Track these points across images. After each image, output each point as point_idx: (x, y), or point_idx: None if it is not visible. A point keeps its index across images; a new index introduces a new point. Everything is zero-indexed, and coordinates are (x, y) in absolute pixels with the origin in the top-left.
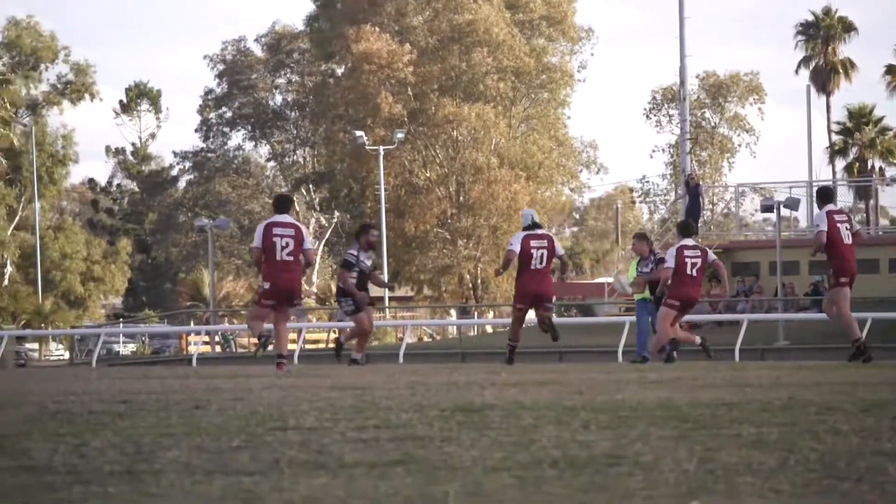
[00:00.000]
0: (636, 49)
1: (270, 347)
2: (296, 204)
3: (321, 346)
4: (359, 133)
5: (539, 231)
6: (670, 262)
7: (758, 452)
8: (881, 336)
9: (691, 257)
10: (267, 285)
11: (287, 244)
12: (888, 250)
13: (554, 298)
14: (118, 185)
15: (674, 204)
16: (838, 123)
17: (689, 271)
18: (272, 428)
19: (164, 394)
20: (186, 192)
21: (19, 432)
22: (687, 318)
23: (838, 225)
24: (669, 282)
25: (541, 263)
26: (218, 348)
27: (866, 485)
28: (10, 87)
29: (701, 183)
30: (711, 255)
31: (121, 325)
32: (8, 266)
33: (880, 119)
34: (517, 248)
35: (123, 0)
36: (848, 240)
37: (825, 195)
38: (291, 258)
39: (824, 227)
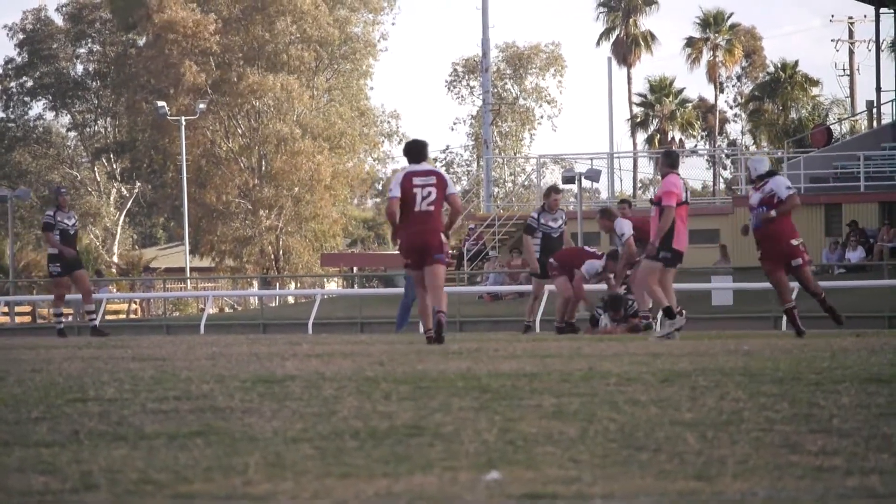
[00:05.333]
0: (438, 19)
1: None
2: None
3: (122, 316)
4: (160, 103)
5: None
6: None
7: (558, 423)
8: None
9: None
10: (399, 242)
11: (429, 194)
12: (690, 221)
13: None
14: None
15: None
16: (639, 95)
17: None
18: (72, 399)
19: None
20: None
21: None
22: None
23: None
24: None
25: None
26: (18, 319)
27: (664, 455)
28: None
29: None
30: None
31: None
32: None
33: (680, 91)
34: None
35: None
36: None
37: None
38: (432, 208)
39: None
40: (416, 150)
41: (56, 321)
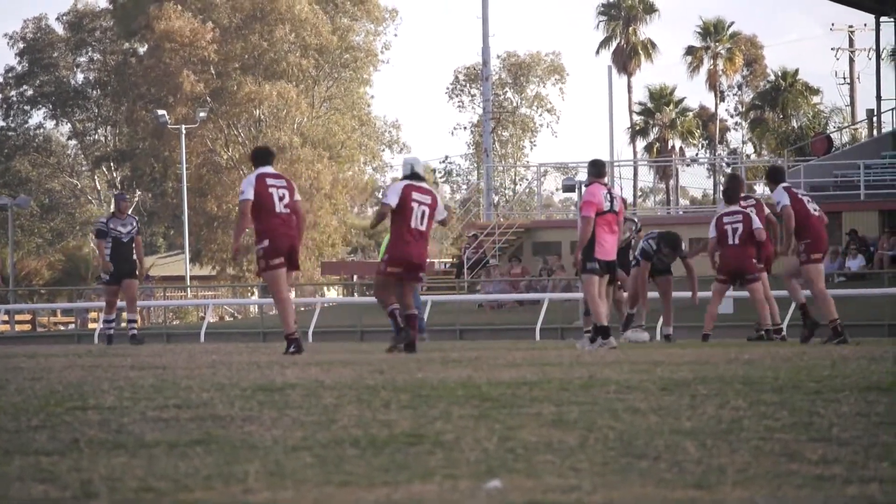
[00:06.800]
0: (439, 28)
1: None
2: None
3: (122, 325)
4: (160, 112)
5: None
6: (712, 232)
7: (558, 431)
8: (680, 315)
9: (731, 223)
10: (266, 243)
11: (284, 195)
12: (689, 230)
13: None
14: None
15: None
16: (639, 104)
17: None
18: (71, 407)
19: None
20: None
21: None
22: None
23: (802, 198)
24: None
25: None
26: (18, 327)
27: (664, 463)
28: None
29: None
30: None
31: None
32: None
33: (681, 100)
34: (393, 201)
35: None
36: (817, 213)
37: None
38: (289, 210)
39: (787, 202)
40: (263, 155)
41: (105, 328)
